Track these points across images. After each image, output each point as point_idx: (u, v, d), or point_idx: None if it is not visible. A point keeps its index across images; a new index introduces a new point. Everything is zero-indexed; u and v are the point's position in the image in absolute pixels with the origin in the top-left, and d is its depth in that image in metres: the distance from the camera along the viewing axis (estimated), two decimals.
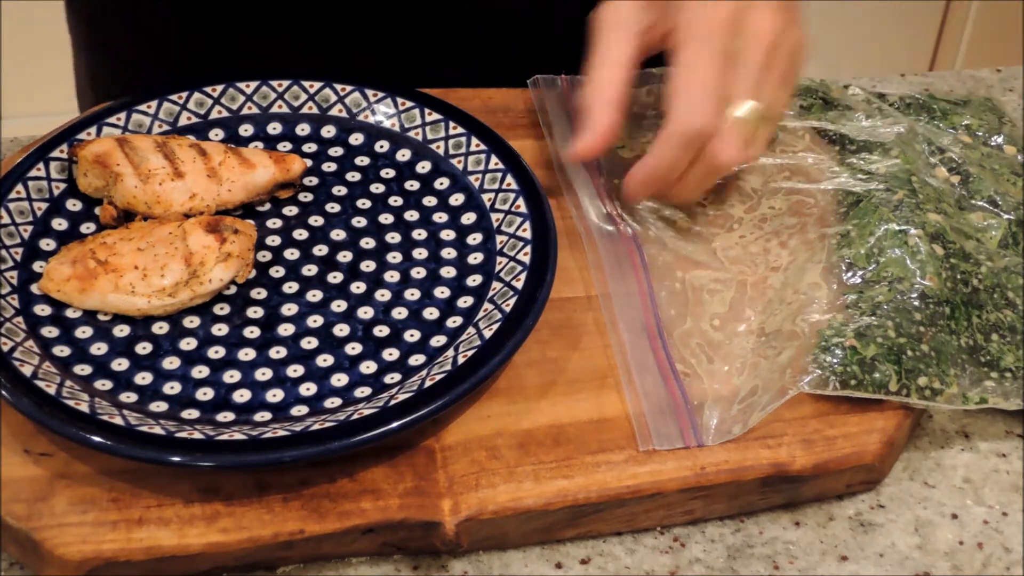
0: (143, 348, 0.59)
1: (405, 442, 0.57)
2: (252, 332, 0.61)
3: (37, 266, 0.62)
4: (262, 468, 0.54)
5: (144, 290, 0.60)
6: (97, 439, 0.53)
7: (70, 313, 0.61)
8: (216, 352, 0.60)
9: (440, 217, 0.67)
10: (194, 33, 0.79)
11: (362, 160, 0.71)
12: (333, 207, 0.68)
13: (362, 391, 0.58)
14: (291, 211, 0.67)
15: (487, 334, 0.59)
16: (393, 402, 0.56)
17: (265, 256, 0.65)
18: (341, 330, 0.61)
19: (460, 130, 0.70)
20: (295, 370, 0.59)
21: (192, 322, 0.61)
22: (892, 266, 0.63)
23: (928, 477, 0.61)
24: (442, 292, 0.63)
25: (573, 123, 0.71)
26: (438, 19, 0.78)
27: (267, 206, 0.68)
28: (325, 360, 0.60)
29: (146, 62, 0.82)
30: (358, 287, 0.63)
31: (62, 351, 0.59)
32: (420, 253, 0.65)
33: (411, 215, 0.68)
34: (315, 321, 0.61)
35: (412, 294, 0.63)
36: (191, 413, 0.57)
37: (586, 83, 0.64)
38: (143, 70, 0.82)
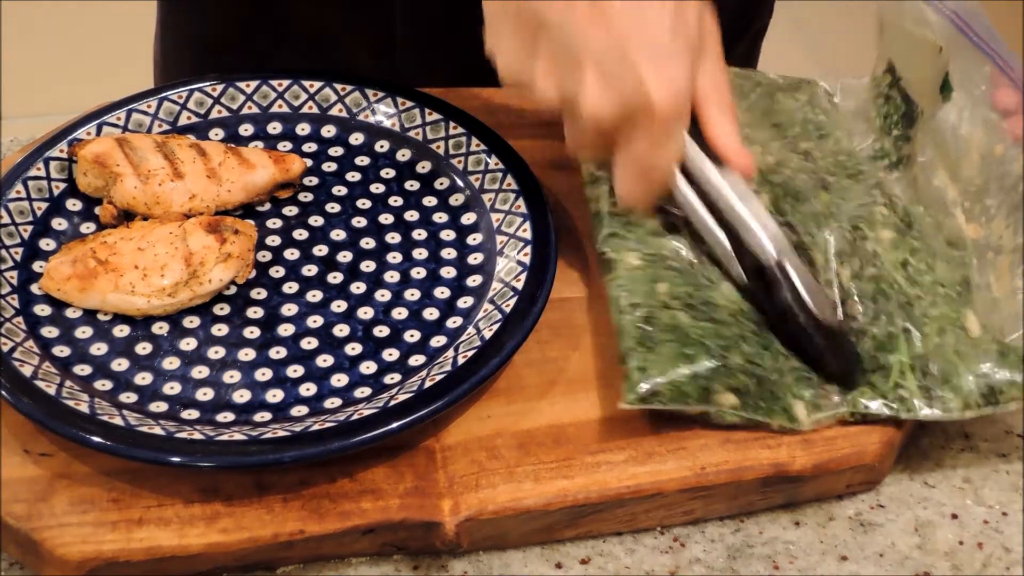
0: (143, 348, 0.59)
1: (405, 442, 0.57)
2: (252, 332, 0.61)
3: (37, 266, 0.62)
4: (262, 468, 0.54)
5: (144, 290, 0.60)
6: (97, 439, 0.53)
7: (70, 313, 0.61)
8: (216, 352, 0.60)
9: (440, 217, 0.67)
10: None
11: (362, 160, 0.71)
12: (333, 207, 0.68)
13: (362, 391, 0.58)
14: (291, 211, 0.67)
15: (487, 334, 0.59)
16: (393, 402, 0.56)
17: (265, 256, 0.65)
18: (341, 330, 0.61)
19: (460, 130, 0.70)
20: (295, 370, 0.59)
21: (192, 322, 0.61)
22: None
23: (928, 477, 0.61)
24: (442, 292, 0.63)
25: None
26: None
27: (267, 206, 0.68)
28: (325, 360, 0.60)
29: (216, 21, 0.83)
30: (358, 287, 0.63)
31: (62, 351, 0.59)
32: (420, 253, 0.65)
33: (411, 215, 0.68)
34: (315, 321, 0.61)
35: (412, 294, 0.63)
36: (191, 413, 0.57)
37: None
38: (213, 31, 0.84)
